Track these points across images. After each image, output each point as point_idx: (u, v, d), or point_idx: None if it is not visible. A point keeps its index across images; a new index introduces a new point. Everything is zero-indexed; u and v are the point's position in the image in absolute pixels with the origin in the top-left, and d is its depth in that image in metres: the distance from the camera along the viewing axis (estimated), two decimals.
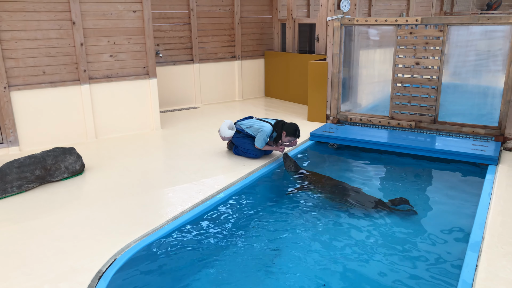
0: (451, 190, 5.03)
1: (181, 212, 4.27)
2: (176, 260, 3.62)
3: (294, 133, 5.58)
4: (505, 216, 4.05)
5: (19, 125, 6.14)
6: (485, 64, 6.33)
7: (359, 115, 7.25)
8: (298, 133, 5.60)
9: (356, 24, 6.98)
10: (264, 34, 10.01)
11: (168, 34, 8.70)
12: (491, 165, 5.39)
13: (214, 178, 5.12)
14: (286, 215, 4.39)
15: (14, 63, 6.00)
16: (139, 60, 6.96)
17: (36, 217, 4.23)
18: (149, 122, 7.25)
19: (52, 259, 3.51)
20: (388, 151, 6.14)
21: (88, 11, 6.37)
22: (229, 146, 6.09)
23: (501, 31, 6.01)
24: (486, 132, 6.20)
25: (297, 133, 5.59)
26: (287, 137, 5.61)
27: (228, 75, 9.66)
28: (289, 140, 5.64)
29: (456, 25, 6.21)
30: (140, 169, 5.50)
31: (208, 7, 9.07)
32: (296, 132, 5.57)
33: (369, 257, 3.64)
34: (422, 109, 6.64)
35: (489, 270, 3.23)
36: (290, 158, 5.57)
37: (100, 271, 3.35)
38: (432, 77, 6.46)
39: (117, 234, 3.87)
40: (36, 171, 4.85)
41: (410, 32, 6.48)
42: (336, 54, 7.20)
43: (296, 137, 5.62)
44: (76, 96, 6.49)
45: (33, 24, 6.03)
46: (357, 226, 4.14)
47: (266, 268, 3.50)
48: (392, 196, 4.76)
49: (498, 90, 6.19)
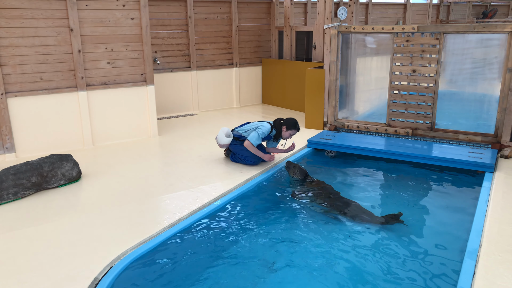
0: (448, 197, 5.03)
1: (178, 220, 4.26)
2: (173, 268, 3.60)
3: (294, 126, 5.63)
4: (502, 223, 4.05)
5: (16, 131, 6.13)
6: (481, 72, 6.37)
7: (356, 122, 7.27)
8: (298, 126, 5.66)
9: (353, 31, 7.02)
10: (261, 42, 10.05)
11: (166, 41, 8.73)
12: (487, 172, 5.41)
13: (211, 185, 5.11)
14: (284, 223, 4.38)
15: (11, 70, 5.99)
16: (137, 67, 6.97)
17: (32, 224, 4.20)
18: (147, 129, 7.24)
19: (48, 266, 3.48)
20: (385, 159, 6.15)
21: (86, 18, 6.39)
22: (226, 153, 6.09)
23: (497, 39, 6.06)
24: (483, 139, 6.23)
25: (297, 126, 5.65)
26: (287, 131, 5.66)
27: (225, 82, 9.68)
28: (290, 134, 5.69)
29: (452, 33, 6.25)
30: (137, 176, 5.49)
31: (206, 14, 9.11)
32: (296, 125, 5.63)
33: (367, 264, 3.64)
34: (419, 116, 6.66)
35: (486, 277, 3.23)
36: (294, 164, 5.55)
37: (96, 279, 3.32)
38: (429, 84, 6.49)
39: (114, 241, 3.85)
40: (32, 178, 4.83)
41: (407, 40, 6.52)
42: (333, 61, 7.24)
43: (297, 130, 5.68)
44: (73, 103, 6.49)
45: (31, 31, 6.04)
46: (355, 235, 4.14)
47: (263, 277, 3.48)
48: (388, 206, 4.75)
49: (494, 98, 6.22)
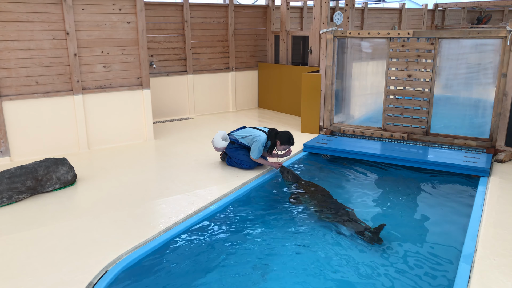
0: (443, 201, 5.04)
1: (174, 224, 4.24)
2: (168, 272, 3.58)
3: (288, 141, 5.60)
4: (497, 227, 4.07)
5: (11, 135, 6.10)
6: (476, 77, 6.41)
7: (352, 127, 7.29)
8: (292, 141, 5.63)
9: (349, 36, 7.05)
10: (257, 46, 10.08)
11: (162, 45, 8.73)
12: (482, 177, 5.43)
13: (207, 189, 5.10)
14: (279, 227, 4.37)
15: (6, 73, 5.97)
16: (133, 70, 6.96)
17: (26, 228, 4.17)
18: (142, 132, 7.23)
19: (42, 271, 3.46)
20: (381, 163, 6.17)
21: (82, 22, 6.38)
22: (222, 157, 6.09)
23: (491, 45, 6.11)
24: (478, 144, 6.26)
25: (291, 141, 5.61)
26: (281, 145, 5.63)
27: (221, 86, 9.69)
28: (283, 148, 5.67)
29: (447, 39, 6.29)
30: (133, 180, 5.47)
31: (202, 18, 9.13)
32: (290, 140, 5.60)
33: (361, 268, 3.63)
34: (415, 121, 6.69)
35: (482, 282, 3.23)
36: (287, 169, 5.57)
37: (91, 283, 3.30)
38: (424, 89, 6.53)
39: (109, 245, 3.83)
40: (27, 181, 4.81)
41: (402, 45, 6.56)
42: (329, 66, 7.26)
43: (290, 144, 5.64)
44: (69, 106, 6.47)
45: (27, 34, 6.02)
46: (349, 241, 4.13)
47: (258, 283, 3.47)
48: (383, 211, 4.76)
49: (489, 103, 6.26)
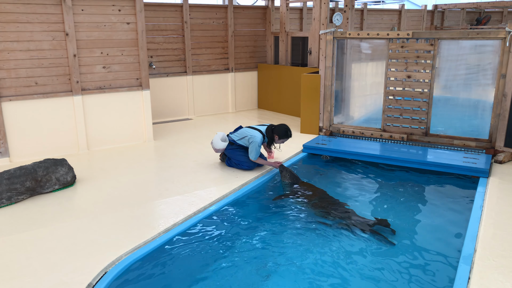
0: (443, 202, 5.04)
1: (173, 225, 4.24)
2: (168, 273, 3.58)
3: (285, 134, 5.68)
4: (496, 228, 4.07)
5: (10, 136, 6.09)
6: (475, 78, 6.42)
7: (352, 128, 7.29)
8: (290, 133, 5.71)
9: (349, 37, 7.06)
10: (257, 47, 10.08)
11: (161, 46, 8.73)
12: (482, 177, 5.43)
13: (206, 190, 5.10)
14: (279, 228, 4.37)
15: (6, 74, 5.97)
16: (132, 71, 6.96)
17: (25, 229, 4.17)
18: (142, 133, 7.23)
19: (42, 272, 3.45)
20: (380, 163, 6.17)
21: (81, 23, 6.38)
22: (222, 158, 6.08)
23: (491, 46, 6.11)
24: (477, 144, 6.26)
25: (289, 133, 5.70)
26: (280, 139, 5.71)
27: (221, 87, 9.69)
28: (282, 142, 5.78)
29: (447, 40, 6.30)
30: (132, 181, 5.47)
31: (202, 19, 9.13)
32: (287, 133, 5.68)
33: (360, 269, 3.63)
34: (414, 121, 6.69)
35: (481, 282, 3.23)
36: (286, 169, 5.57)
37: (90, 284, 3.30)
38: (424, 90, 6.53)
39: (108, 246, 3.83)
40: (26, 182, 4.80)
41: (402, 46, 6.56)
42: (329, 67, 7.27)
43: (288, 137, 5.72)
44: (68, 107, 6.47)
45: (26, 35, 6.02)
46: (349, 241, 4.13)
47: (257, 283, 3.47)
48: (382, 211, 4.76)
49: (488, 104, 6.27)
